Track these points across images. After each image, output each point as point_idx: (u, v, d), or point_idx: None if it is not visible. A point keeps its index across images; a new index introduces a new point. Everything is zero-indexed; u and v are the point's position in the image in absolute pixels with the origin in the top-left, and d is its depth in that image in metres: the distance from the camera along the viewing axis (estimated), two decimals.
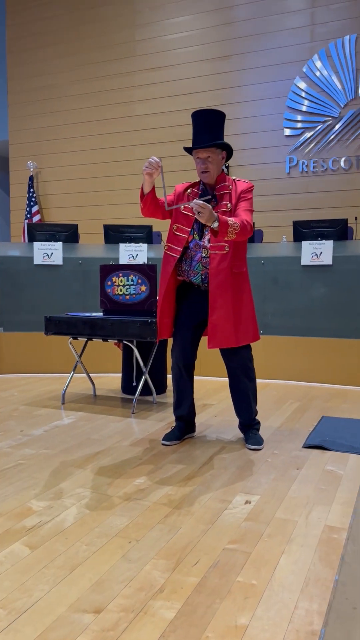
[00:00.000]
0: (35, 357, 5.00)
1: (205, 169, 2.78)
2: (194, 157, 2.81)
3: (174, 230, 2.86)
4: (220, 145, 2.77)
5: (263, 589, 1.60)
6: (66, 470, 2.57)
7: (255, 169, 6.49)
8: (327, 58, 6.17)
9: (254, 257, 4.76)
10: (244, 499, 2.24)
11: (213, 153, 2.76)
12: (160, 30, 6.98)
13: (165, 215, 2.86)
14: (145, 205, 2.78)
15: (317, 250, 4.58)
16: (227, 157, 2.86)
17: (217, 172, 2.82)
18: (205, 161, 2.77)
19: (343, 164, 6.13)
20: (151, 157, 2.64)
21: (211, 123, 2.76)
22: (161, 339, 3.80)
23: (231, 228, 2.59)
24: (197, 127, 2.77)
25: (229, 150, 2.84)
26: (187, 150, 2.84)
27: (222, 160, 2.83)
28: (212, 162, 2.77)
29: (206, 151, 2.75)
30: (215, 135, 2.75)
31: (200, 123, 2.76)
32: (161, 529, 1.97)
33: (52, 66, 7.59)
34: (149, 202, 2.76)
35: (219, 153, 2.79)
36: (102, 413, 3.65)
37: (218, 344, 2.80)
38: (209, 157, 2.76)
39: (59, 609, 1.50)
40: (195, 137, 2.77)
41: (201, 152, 2.76)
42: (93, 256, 5.07)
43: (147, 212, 2.82)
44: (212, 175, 2.80)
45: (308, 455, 2.79)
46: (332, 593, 1.56)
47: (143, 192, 2.74)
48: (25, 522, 2.02)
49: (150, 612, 1.48)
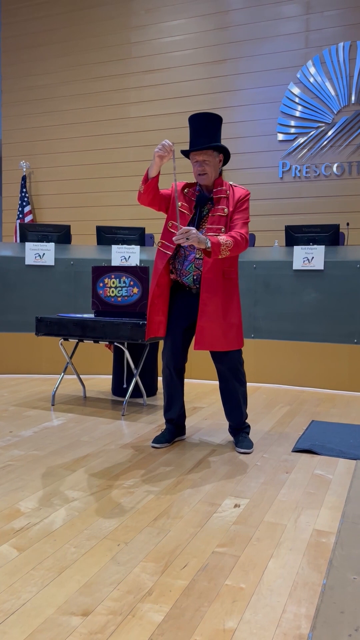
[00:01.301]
0: (26, 357, 4.98)
1: (202, 171, 2.79)
2: (191, 160, 2.82)
3: (169, 227, 2.86)
4: (217, 148, 2.78)
5: (251, 592, 1.60)
6: (55, 472, 2.56)
7: (249, 173, 6.52)
8: (321, 64, 6.21)
9: (246, 261, 4.78)
10: (233, 502, 2.25)
11: (210, 156, 2.77)
12: (155, 33, 6.99)
13: (161, 207, 2.83)
14: (146, 190, 2.72)
15: (308, 255, 4.61)
16: (225, 160, 2.87)
17: (214, 174, 2.83)
18: (202, 164, 2.78)
19: (335, 169, 6.17)
20: (165, 140, 2.59)
21: (208, 126, 2.76)
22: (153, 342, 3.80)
23: (223, 247, 2.61)
24: (194, 130, 2.78)
25: (226, 153, 2.85)
26: (184, 153, 2.84)
27: (219, 163, 2.84)
28: (209, 164, 2.78)
29: (203, 154, 2.76)
30: (212, 138, 2.76)
31: (197, 126, 2.77)
32: (150, 531, 1.97)
33: (47, 66, 7.58)
34: (151, 188, 2.71)
35: (216, 156, 2.80)
36: (92, 415, 3.64)
37: (205, 346, 2.80)
38: (205, 160, 2.77)
39: (47, 611, 1.50)
40: (193, 140, 2.78)
41: (198, 154, 2.77)
42: (85, 257, 5.06)
43: (146, 198, 2.76)
44: (210, 177, 2.81)
45: (297, 460, 2.80)
46: (320, 597, 1.57)
47: (148, 175, 2.69)
48: (13, 524, 2.01)
49: (139, 615, 1.48)
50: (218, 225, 2.79)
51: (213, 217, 2.81)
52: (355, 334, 4.49)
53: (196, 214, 2.84)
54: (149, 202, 2.78)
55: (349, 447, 2.95)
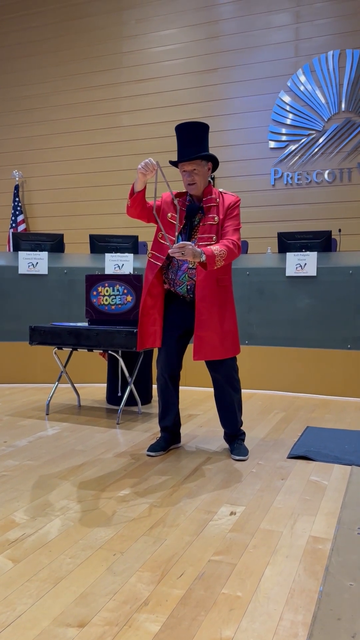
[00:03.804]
0: (20, 367, 4.96)
1: (192, 181, 2.80)
2: (180, 170, 2.83)
3: (159, 238, 2.87)
4: (205, 157, 2.80)
5: (248, 600, 1.60)
6: (50, 481, 2.55)
7: (241, 180, 6.55)
8: (311, 73, 6.27)
9: (239, 268, 4.79)
10: (229, 509, 2.24)
11: (199, 165, 2.78)
12: (146, 43, 7.04)
13: (150, 219, 2.84)
14: (133, 204, 2.74)
15: (301, 261, 4.63)
16: (213, 168, 2.89)
17: (203, 183, 2.84)
18: (191, 173, 2.79)
19: (327, 176, 6.21)
20: (148, 159, 2.61)
21: (195, 135, 2.77)
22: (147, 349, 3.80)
23: (218, 258, 2.63)
24: (181, 140, 2.79)
25: (214, 162, 2.87)
26: (172, 163, 2.86)
27: (208, 172, 2.85)
28: (198, 174, 2.79)
29: (192, 164, 2.77)
30: (200, 148, 2.77)
31: (185, 136, 2.77)
32: (146, 540, 1.96)
33: (39, 75, 7.61)
34: (138, 201, 2.74)
35: (205, 165, 2.81)
36: (87, 424, 3.63)
37: (204, 356, 2.80)
38: (195, 170, 2.78)
39: (42, 622, 1.48)
40: (181, 150, 2.79)
41: (187, 164, 2.78)
42: (78, 266, 5.06)
43: (134, 212, 2.78)
44: (199, 187, 2.83)
45: (293, 466, 2.80)
46: (317, 604, 1.56)
47: (134, 190, 2.72)
48: (8, 535, 1.99)
49: (135, 626, 1.47)
50: (209, 234, 2.80)
51: (204, 226, 2.82)
52: (349, 340, 4.51)
53: (187, 224, 2.85)
54: (137, 215, 2.80)
55: (344, 453, 2.96)
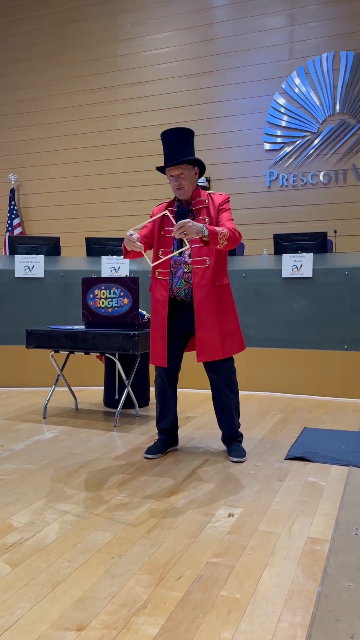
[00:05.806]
0: (17, 370, 4.95)
1: (179, 185, 2.82)
2: (167, 176, 2.85)
3: (159, 255, 2.89)
4: (191, 161, 2.81)
5: (246, 602, 1.60)
6: (48, 485, 2.54)
7: (236, 182, 6.56)
8: (305, 75, 6.29)
9: (235, 270, 4.80)
10: (227, 511, 2.24)
11: (185, 169, 2.79)
12: (142, 46, 7.05)
13: (152, 246, 2.93)
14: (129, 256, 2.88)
15: (297, 262, 4.64)
16: (200, 172, 2.90)
17: (191, 187, 2.85)
18: (178, 178, 2.81)
19: (322, 178, 6.23)
20: (127, 232, 2.70)
21: (180, 140, 2.79)
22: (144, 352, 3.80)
23: (220, 235, 2.63)
24: (167, 146, 2.81)
25: (200, 166, 2.88)
26: (159, 169, 2.88)
27: (195, 176, 2.87)
28: (185, 178, 2.81)
29: (178, 168, 2.79)
30: (185, 152, 2.78)
31: (170, 142, 2.79)
32: (144, 543, 1.96)
33: (34, 79, 7.61)
34: (132, 255, 2.87)
35: (191, 169, 2.83)
36: (85, 427, 3.63)
37: (206, 357, 2.81)
38: (181, 174, 2.80)
39: (41, 627, 1.48)
40: (166, 155, 2.81)
41: (173, 169, 2.79)
42: (75, 269, 5.06)
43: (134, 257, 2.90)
44: (187, 191, 2.84)
45: (290, 467, 2.80)
46: (315, 605, 1.56)
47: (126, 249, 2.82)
48: (5, 539, 1.99)
49: (134, 629, 1.47)
50: None
51: None
52: (346, 341, 4.52)
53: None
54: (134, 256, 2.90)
55: (342, 454, 2.96)
